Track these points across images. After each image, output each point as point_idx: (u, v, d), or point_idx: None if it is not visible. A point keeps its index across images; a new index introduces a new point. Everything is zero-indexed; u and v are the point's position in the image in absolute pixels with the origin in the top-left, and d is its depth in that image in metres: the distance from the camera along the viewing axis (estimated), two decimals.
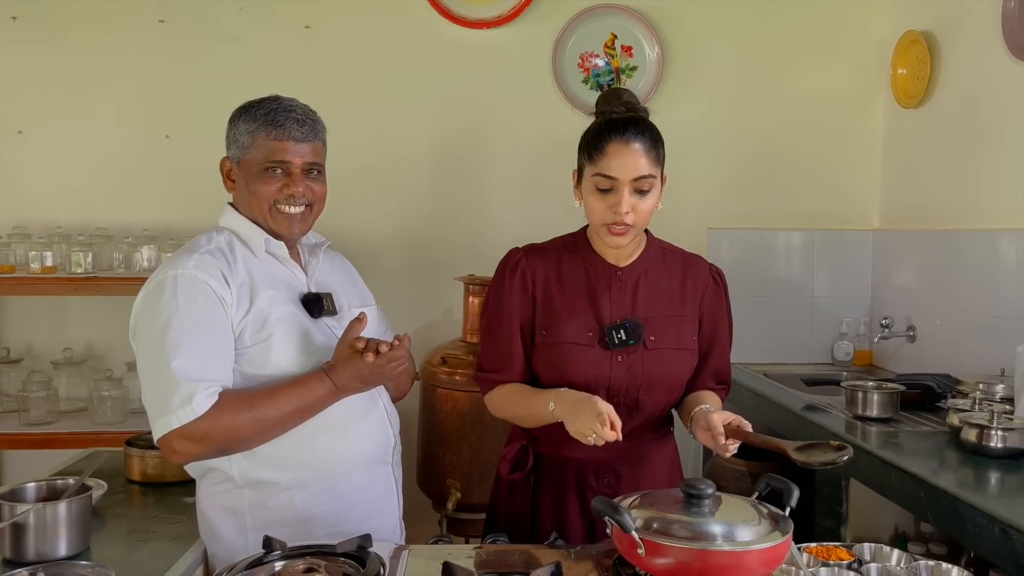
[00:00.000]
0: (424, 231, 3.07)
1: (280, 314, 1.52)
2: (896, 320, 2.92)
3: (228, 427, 1.41)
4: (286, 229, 1.58)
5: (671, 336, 1.64)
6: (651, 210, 1.58)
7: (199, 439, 1.40)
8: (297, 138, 1.55)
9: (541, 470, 1.68)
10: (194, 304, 1.44)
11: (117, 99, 2.94)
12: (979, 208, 2.60)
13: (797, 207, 3.19)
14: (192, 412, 1.38)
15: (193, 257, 1.49)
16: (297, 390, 1.47)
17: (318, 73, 2.95)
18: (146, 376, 1.46)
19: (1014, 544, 1.46)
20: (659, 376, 1.61)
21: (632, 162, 1.52)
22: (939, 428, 2.14)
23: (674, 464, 1.76)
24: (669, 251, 1.73)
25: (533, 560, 1.19)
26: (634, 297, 1.64)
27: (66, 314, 2.96)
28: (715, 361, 1.71)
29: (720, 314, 1.71)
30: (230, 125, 1.60)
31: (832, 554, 1.39)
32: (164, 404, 1.39)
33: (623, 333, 1.58)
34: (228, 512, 1.51)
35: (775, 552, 1.09)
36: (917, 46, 2.87)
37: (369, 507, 1.56)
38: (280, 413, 1.45)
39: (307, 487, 1.51)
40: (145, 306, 1.48)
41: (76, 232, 2.82)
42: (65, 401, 2.84)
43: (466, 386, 2.59)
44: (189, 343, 1.42)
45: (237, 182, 1.60)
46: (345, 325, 1.58)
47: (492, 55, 3.05)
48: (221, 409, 1.40)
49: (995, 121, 2.53)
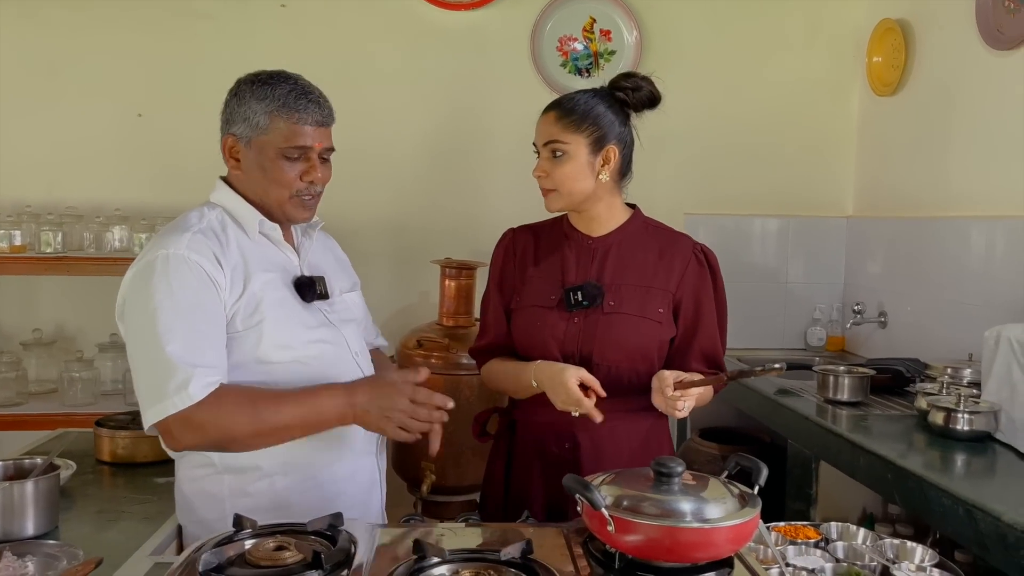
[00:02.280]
0: (401, 214, 3.06)
1: (272, 299, 1.46)
2: (868, 306, 2.96)
3: (225, 422, 1.36)
4: (304, 215, 1.53)
5: (632, 304, 1.65)
6: (570, 176, 1.64)
7: (195, 428, 1.35)
8: (317, 122, 1.48)
9: (515, 436, 1.75)
10: (186, 286, 1.38)
11: (89, 76, 2.90)
12: (950, 196, 2.63)
13: (773, 194, 3.21)
14: (188, 398, 1.32)
15: (185, 236, 1.41)
16: (305, 399, 1.40)
17: (294, 53, 2.89)
18: (138, 360, 1.39)
19: (978, 524, 1.49)
20: (613, 339, 1.63)
21: (543, 128, 1.67)
22: (908, 412, 2.17)
23: (649, 445, 1.70)
24: (654, 227, 1.75)
25: (504, 538, 1.19)
26: (602, 264, 1.68)
27: (36, 294, 2.93)
28: (701, 342, 1.68)
29: (704, 293, 1.70)
30: (235, 99, 1.48)
31: (800, 533, 1.42)
32: (159, 389, 1.34)
33: (580, 294, 1.64)
34: (208, 496, 1.47)
35: (743, 529, 1.10)
36: (892, 34, 2.89)
37: (352, 497, 1.52)
38: (282, 420, 1.38)
39: (288, 474, 1.46)
40: (134, 287, 1.41)
41: (46, 211, 2.78)
42: (35, 382, 2.80)
43: (441, 369, 2.59)
44: (183, 327, 1.36)
45: (244, 162, 1.49)
46: (336, 309, 1.57)
47: (470, 38, 3.04)
48: (220, 401, 1.35)
49: (968, 110, 2.55)
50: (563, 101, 1.68)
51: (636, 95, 1.68)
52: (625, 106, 1.69)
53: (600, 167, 1.65)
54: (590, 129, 1.63)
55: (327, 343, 1.51)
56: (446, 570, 1.09)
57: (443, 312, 2.76)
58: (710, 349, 1.69)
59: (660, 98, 1.70)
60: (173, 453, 1.48)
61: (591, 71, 3.06)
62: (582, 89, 1.71)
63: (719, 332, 1.71)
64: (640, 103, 1.69)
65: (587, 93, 1.68)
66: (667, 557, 1.09)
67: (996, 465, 1.77)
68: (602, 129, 1.64)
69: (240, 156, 1.49)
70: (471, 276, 2.76)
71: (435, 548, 1.11)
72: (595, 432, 1.62)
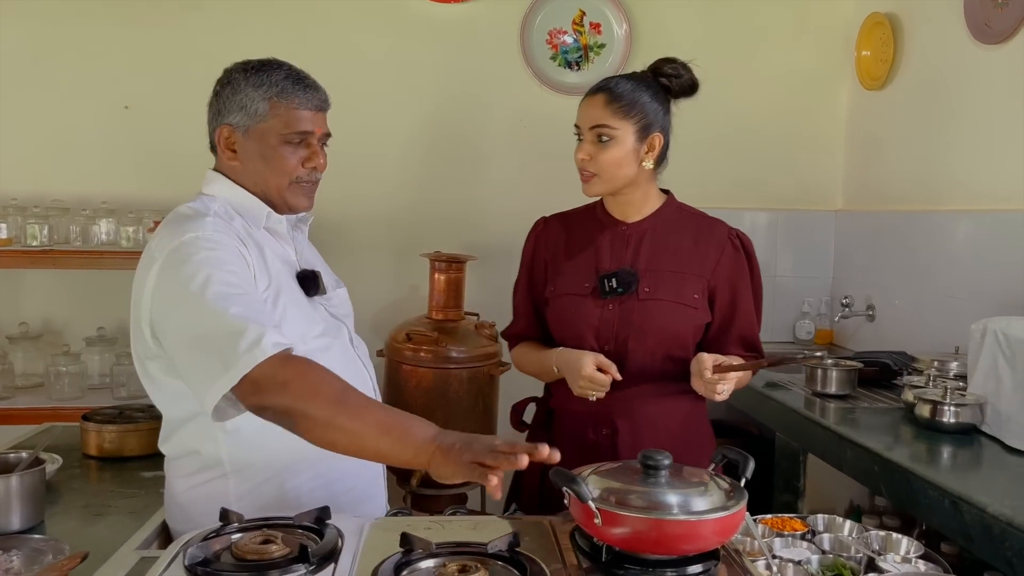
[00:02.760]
0: (390, 208, 3.05)
1: (286, 291, 1.42)
2: (856, 299, 2.97)
3: (311, 383, 1.19)
4: (305, 203, 1.49)
5: (668, 289, 1.66)
6: (615, 161, 1.64)
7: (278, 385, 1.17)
8: (316, 107, 1.46)
9: (552, 424, 1.76)
10: (228, 262, 1.29)
11: (75, 68, 2.87)
12: (939, 190, 2.64)
13: (761, 187, 3.21)
14: (262, 352, 1.17)
15: (207, 221, 1.35)
16: (393, 412, 1.23)
17: (282, 44, 2.84)
18: (192, 342, 1.25)
19: (964, 516, 1.50)
20: (649, 326, 1.64)
21: (590, 111, 1.65)
22: (895, 404, 2.18)
23: (688, 430, 1.70)
24: (689, 213, 1.76)
25: (492, 531, 1.19)
26: (636, 250, 1.69)
27: (22, 288, 2.90)
28: (739, 327, 1.70)
29: (741, 279, 1.70)
30: (229, 88, 1.44)
31: (787, 525, 1.42)
32: (229, 356, 1.18)
33: (614, 281, 1.65)
34: (210, 501, 1.34)
35: (729, 522, 1.10)
36: (881, 28, 2.90)
37: (361, 491, 1.49)
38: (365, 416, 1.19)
39: (299, 474, 1.42)
40: (168, 275, 1.30)
41: (32, 204, 2.75)
42: (21, 376, 2.78)
43: (431, 363, 2.59)
44: (238, 294, 1.26)
45: (242, 152, 1.44)
46: (334, 304, 1.55)
47: (460, 31, 3.02)
48: (308, 364, 1.21)
49: (956, 104, 2.56)
50: (612, 85, 1.65)
51: (677, 81, 1.70)
52: (668, 92, 1.70)
53: (644, 154, 1.66)
54: (638, 116, 1.64)
55: (330, 338, 1.49)
56: (433, 563, 1.09)
57: (433, 306, 2.76)
58: (748, 333, 1.71)
59: (699, 86, 1.72)
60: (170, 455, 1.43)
61: (581, 64, 3.05)
62: (625, 74, 1.70)
63: (758, 315, 1.73)
64: (681, 89, 1.71)
65: (633, 79, 1.68)
66: (654, 549, 1.10)
67: (982, 457, 1.79)
68: (649, 116, 1.65)
69: (237, 146, 1.45)
70: (461, 270, 2.75)
71: (422, 541, 1.11)
72: (633, 418, 1.65)
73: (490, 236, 3.06)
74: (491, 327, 2.73)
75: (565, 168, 3.04)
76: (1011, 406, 1.81)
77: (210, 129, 1.49)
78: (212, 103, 1.48)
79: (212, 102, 1.48)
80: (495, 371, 2.71)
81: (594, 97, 1.65)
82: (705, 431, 1.77)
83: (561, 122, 3.08)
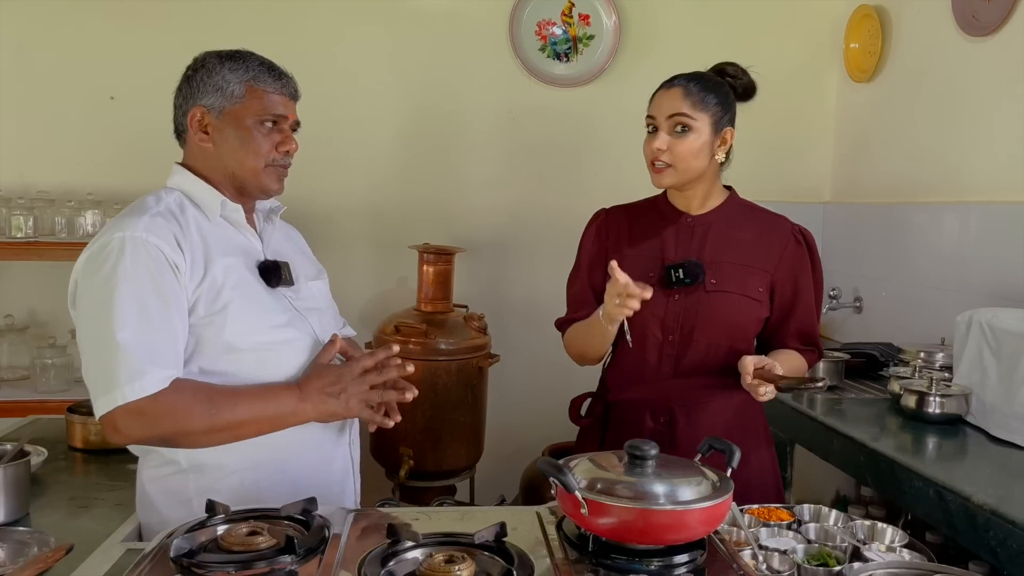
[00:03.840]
0: (379, 199, 3.04)
1: (235, 283, 1.42)
2: (844, 291, 2.98)
3: (179, 415, 1.31)
4: (276, 186, 1.51)
5: (734, 282, 1.67)
6: (691, 152, 1.65)
7: (148, 421, 1.30)
8: (289, 94, 1.51)
9: (609, 418, 1.77)
10: (144, 270, 1.32)
11: (60, 58, 2.85)
12: (926, 182, 2.65)
13: (750, 179, 3.15)
14: (142, 389, 1.28)
15: (143, 219, 1.36)
16: (261, 396, 1.38)
17: (268, 36, 2.83)
18: (89, 347, 1.34)
19: (948, 505, 1.51)
20: (714, 317, 1.66)
21: (668, 102, 1.66)
22: (881, 395, 2.20)
23: (744, 419, 1.71)
24: (752, 208, 1.78)
25: (478, 522, 1.19)
26: (702, 242, 1.71)
27: (6, 279, 2.88)
28: (798, 321, 1.72)
29: (803, 274, 1.72)
30: (203, 72, 1.46)
31: (773, 515, 1.43)
32: (110, 378, 1.29)
33: (681, 272, 1.66)
34: (173, 496, 1.41)
35: (715, 511, 1.10)
36: (869, 20, 2.90)
37: (326, 487, 1.48)
38: (237, 415, 1.35)
39: (258, 468, 1.42)
40: (88, 270, 1.35)
41: (16, 195, 2.73)
42: (6, 369, 2.77)
43: (420, 355, 2.59)
44: (139, 314, 1.31)
45: (215, 134, 1.46)
46: (302, 296, 1.54)
47: (449, 22, 3.01)
48: (176, 394, 1.31)
49: (944, 96, 2.57)
50: (691, 77, 1.68)
51: (739, 82, 1.74)
52: (733, 91, 1.73)
53: (717, 147, 1.69)
54: (715, 109, 1.67)
55: (293, 330, 1.47)
56: (419, 554, 1.09)
57: (421, 298, 2.75)
58: (807, 328, 1.73)
59: (756, 90, 1.76)
60: (136, 449, 1.43)
61: (570, 56, 3.04)
62: (698, 71, 1.71)
63: (815, 311, 1.75)
64: (743, 91, 1.75)
65: (702, 76, 1.70)
66: (640, 539, 1.10)
67: (967, 448, 1.80)
68: (724, 110, 1.68)
69: (211, 128, 1.46)
70: (449, 261, 2.75)
71: (409, 532, 1.11)
72: (692, 408, 1.67)
73: (479, 228, 3.06)
74: (480, 319, 2.73)
75: (555, 160, 3.08)
76: (996, 397, 1.83)
77: (179, 112, 1.49)
78: (182, 87, 1.49)
79: (182, 86, 1.49)
80: (484, 363, 2.71)
81: (671, 89, 1.67)
82: (761, 423, 1.78)
83: (550, 113, 3.10)
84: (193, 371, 1.38)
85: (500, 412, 2.94)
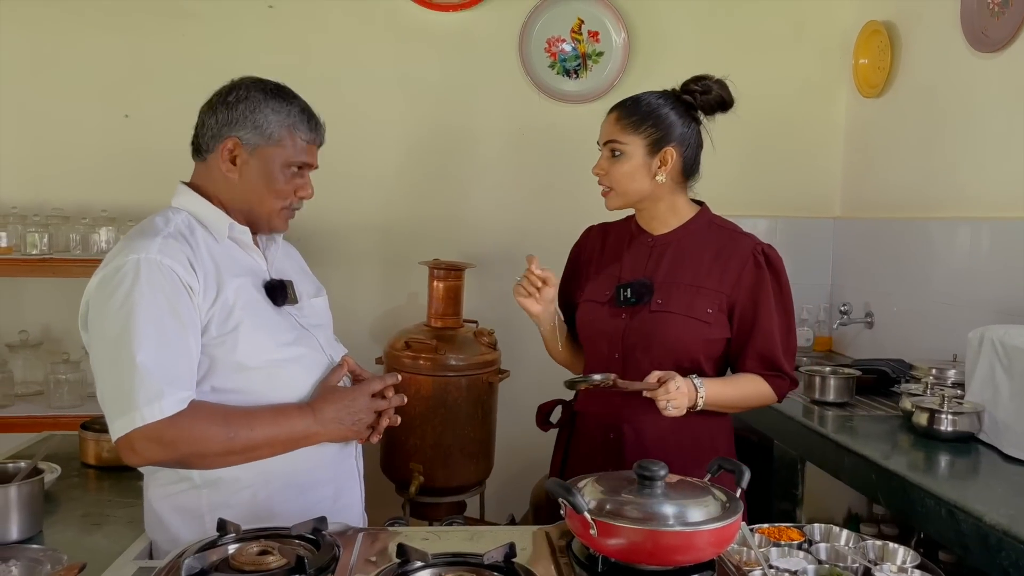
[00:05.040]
0: (389, 215, 3.06)
1: (246, 303, 1.43)
2: (855, 307, 2.97)
3: (197, 437, 1.33)
4: (285, 227, 1.56)
5: (681, 303, 1.67)
6: (626, 176, 1.69)
7: (165, 443, 1.31)
8: (318, 143, 1.56)
9: (575, 427, 1.84)
10: (160, 292, 1.33)
11: (75, 76, 2.88)
12: (937, 197, 2.64)
13: (760, 195, 3.22)
14: (160, 411, 1.29)
15: (156, 241, 1.37)
16: (276, 417, 1.40)
17: (281, 53, 2.91)
18: (105, 369, 1.35)
19: (960, 525, 1.50)
20: (656, 337, 1.67)
21: (605, 128, 1.73)
22: (892, 412, 2.18)
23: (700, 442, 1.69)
24: (718, 226, 1.77)
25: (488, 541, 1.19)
26: (658, 262, 1.73)
27: (22, 296, 2.91)
28: (758, 344, 1.68)
29: (762, 295, 1.68)
30: (244, 104, 1.47)
31: (783, 534, 1.42)
32: (127, 400, 1.29)
33: (629, 291, 1.69)
34: (184, 513, 1.42)
35: (725, 532, 1.10)
36: (878, 36, 2.91)
37: (335, 501, 1.51)
38: (253, 437, 1.37)
39: (270, 483, 1.44)
40: (102, 293, 1.36)
41: (32, 212, 2.76)
42: (21, 384, 2.79)
43: (430, 370, 2.59)
44: (155, 336, 1.32)
45: (243, 167, 1.48)
46: (306, 313, 1.56)
47: (458, 39, 3.04)
48: (194, 417, 1.32)
49: (953, 112, 2.57)
50: (626, 102, 1.72)
51: (705, 98, 1.73)
52: (692, 108, 1.73)
53: (657, 168, 1.69)
54: (649, 131, 1.69)
55: (302, 347, 1.49)
56: (429, 574, 1.09)
57: (431, 313, 2.76)
58: (766, 350, 1.68)
59: (732, 102, 1.75)
60: (144, 468, 1.44)
61: (579, 72, 3.06)
62: (650, 90, 1.75)
63: (782, 333, 1.70)
64: (709, 106, 1.74)
65: (653, 94, 1.74)
66: (649, 560, 1.10)
67: (979, 466, 1.79)
68: (660, 131, 1.69)
69: (239, 161, 1.48)
70: (459, 277, 2.76)
71: (418, 552, 1.11)
72: (637, 425, 1.69)
73: (489, 244, 3.07)
74: (490, 334, 2.74)
75: (564, 176, 3.09)
76: (1008, 414, 1.82)
77: (209, 134, 1.49)
78: (218, 110, 1.49)
79: (218, 109, 1.49)
80: (494, 379, 2.71)
81: (611, 114, 1.73)
82: (724, 443, 1.75)
83: (560, 130, 3.11)
84: (205, 390, 1.39)
85: (510, 428, 2.93)
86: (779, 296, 1.71)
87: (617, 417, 1.71)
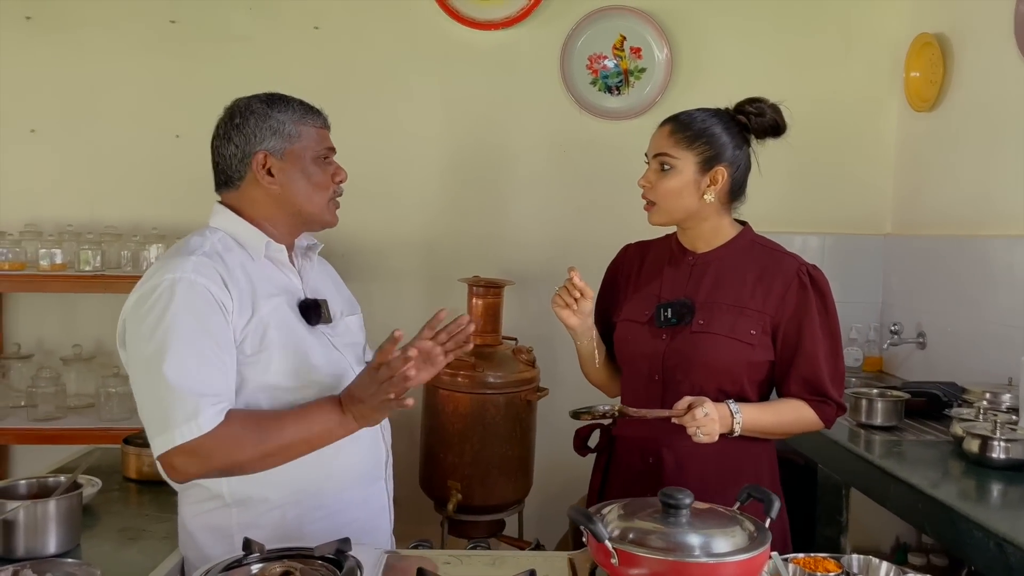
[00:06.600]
0: (430, 232, 3.07)
1: (279, 322, 1.45)
2: (906, 326, 2.88)
3: (232, 447, 1.35)
4: (335, 218, 1.57)
5: (723, 323, 1.63)
6: (672, 191, 1.65)
7: (203, 457, 1.34)
8: (328, 126, 1.59)
9: (613, 451, 1.79)
10: (194, 311, 1.36)
11: (128, 98, 2.97)
12: (992, 214, 2.55)
13: (809, 211, 3.15)
14: (198, 428, 1.31)
15: (190, 260, 1.40)
16: (306, 416, 1.41)
17: (327, 74, 2.96)
18: (143, 388, 1.38)
19: (1009, 558, 1.44)
20: (698, 358, 1.63)
21: (656, 140, 1.69)
22: (943, 437, 2.11)
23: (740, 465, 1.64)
24: (761, 246, 1.73)
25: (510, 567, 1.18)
26: (699, 281, 1.69)
27: (75, 311, 3.00)
28: (801, 368, 1.63)
29: (807, 317, 1.63)
30: (254, 119, 1.50)
31: (819, 566, 1.37)
32: (166, 418, 1.33)
33: (669, 312, 1.65)
34: (215, 531, 1.44)
35: (752, 564, 1.07)
36: (930, 49, 2.83)
37: (364, 523, 1.51)
38: (286, 438, 1.38)
39: (300, 504, 1.45)
40: (138, 312, 1.39)
41: (86, 230, 2.85)
42: (73, 397, 2.87)
43: (469, 388, 2.59)
44: (191, 354, 1.34)
45: (281, 175, 1.49)
46: (339, 332, 1.57)
47: (500, 56, 3.05)
48: (228, 428, 1.34)
49: (1008, 126, 2.48)
50: (681, 116, 1.69)
51: (758, 120, 1.70)
52: (745, 130, 1.70)
53: (706, 187, 1.66)
54: (701, 148, 1.66)
55: (333, 367, 1.51)
56: None
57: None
58: (810, 375, 1.63)
59: (785, 127, 1.72)
60: (177, 485, 1.46)
61: (621, 89, 3.04)
62: (703, 108, 1.72)
63: (827, 357, 1.64)
64: (762, 129, 1.71)
65: (707, 112, 1.70)
66: None
67: None
68: (714, 149, 1.66)
69: (275, 170, 1.50)
70: (498, 294, 2.75)
71: None
72: (677, 450, 1.64)
73: (529, 261, 3.06)
74: (529, 352, 2.72)
75: (605, 193, 3.07)
76: None
77: (235, 160, 1.51)
78: (231, 136, 1.51)
79: (231, 135, 1.51)
80: (532, 396, 2.69)
81: (663, 127, 1.69)
82: (767, 470, 1.69)
83: (601, 147, 3.10)
84: (237, 406, 1.41)
85: (549, 447, 2.91)
86: (824, 318, 1.65)
87: (656, 442, 1.66)
